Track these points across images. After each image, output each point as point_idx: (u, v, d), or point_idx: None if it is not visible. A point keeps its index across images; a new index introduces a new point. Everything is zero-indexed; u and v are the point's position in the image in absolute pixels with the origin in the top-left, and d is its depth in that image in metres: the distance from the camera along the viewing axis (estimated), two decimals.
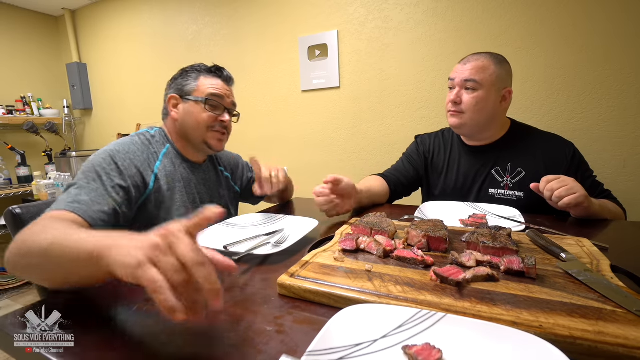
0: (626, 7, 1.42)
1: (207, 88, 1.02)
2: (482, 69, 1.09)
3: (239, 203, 1.31)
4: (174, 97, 1.03)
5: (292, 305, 0.53)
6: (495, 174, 1.16)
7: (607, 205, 1.00)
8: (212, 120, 1.02)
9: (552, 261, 0.62)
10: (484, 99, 1.10)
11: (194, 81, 1.02)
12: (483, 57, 1.11)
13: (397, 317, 0.43)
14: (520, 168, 1.13)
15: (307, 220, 0.96)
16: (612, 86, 1.48)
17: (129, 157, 0.90)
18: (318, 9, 2.11)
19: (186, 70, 1.05)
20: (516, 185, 1.12)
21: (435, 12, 1.78)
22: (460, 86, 1.12)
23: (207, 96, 1.01)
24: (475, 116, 1.11)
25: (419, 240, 0.70)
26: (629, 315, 0.43)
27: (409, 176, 1.31)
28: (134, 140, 0.98)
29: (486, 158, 1.18)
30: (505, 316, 0.44)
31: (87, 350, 0.45)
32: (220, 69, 1.07)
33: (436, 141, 1.32)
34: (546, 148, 1.12)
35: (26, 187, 2.78)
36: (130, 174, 0.88)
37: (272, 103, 2.39)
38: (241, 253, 0.71)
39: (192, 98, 1.01)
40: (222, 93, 1.03)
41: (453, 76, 1.14)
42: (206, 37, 2.56)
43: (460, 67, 1.13)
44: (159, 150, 1.01)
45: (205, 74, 1.04)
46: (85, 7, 3.22)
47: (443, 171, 1.27)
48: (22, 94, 3.17)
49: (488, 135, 1.18)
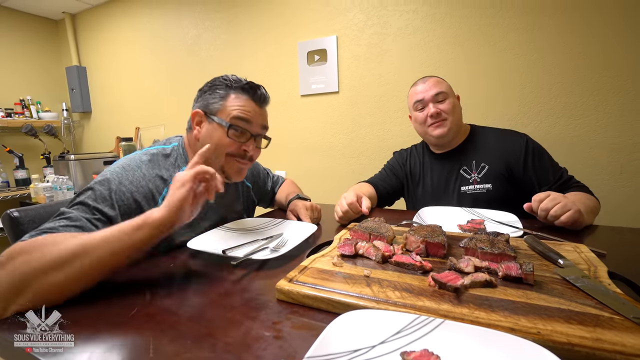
0: (624, 13, 1.43)
1: (234, 110, 0.88)
2: (440, 82, 1.25)
3: (255, 210, 1.27)
4: (198, 113, 0.91)
5: (291, 311, 0.53)
6: (464, 172, 1.26)
7: (587, 203, 1.00)
8: (234, 148, 0.90)
9: (550, 267, 0.62)
10: (455, 104, 1.26)
11: (221, 99, 0.90)
12: (430, 77, 1.27)
13: (395, 323, 0.43)
14: (483, 163, 1.23)
15: (305, 225, 0.96)
16: (610, 92, 1.49)
17: (130, 188, 0.81)
18: (317, 14, 2.12)
19: (215, 83, 0.92)
20: (483, 178, 1.22)
21: (434, 18, 1.80)
22: (433, 101, 1.23)
23: (231, 120, 0.88)
24: (455, 118, 1.24)
25: (417, 245, 0.70)
26: (627, 322, 0.43)
27: (393, 185, 1.41)
28: (142, 164, 0.87)
29: (453, 161, 1.29)
30: (503, 322, 0.44)
31: (87, 351, 0.45)
32: (253, 87, 0.92)
33: (411, 154, 1.44)
34: (502, 142, 1.24)
35: (24, 190, 2.77)
36: (126, 210, 0.79)
37: (271, 107, 2.37)
38: (240, 258, 0.71)
39: (216, 119, 0.89)
40: (249, 117, 0.90)
41: (419, 97, 1.25)
42: (206, 42, 2.57)
43: (421, 87, 1.25)
44: (171, 173, 0.89)
45: (235, 92, 0.90)
46: (86, 11, 3.23)
47: (420, 179, 1.38)
48: (21, 97, 3.17)
49: (456, 139, 1.29)
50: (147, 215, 0.63)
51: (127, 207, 0.79)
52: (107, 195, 0.77)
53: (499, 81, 1.69)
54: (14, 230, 0.93)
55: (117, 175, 0.81)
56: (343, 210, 1.02)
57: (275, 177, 1.37)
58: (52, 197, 2.50)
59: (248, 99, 0.91)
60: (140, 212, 0.80)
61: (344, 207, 1.03)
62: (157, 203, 0.84)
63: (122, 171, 0.83)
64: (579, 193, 1.08)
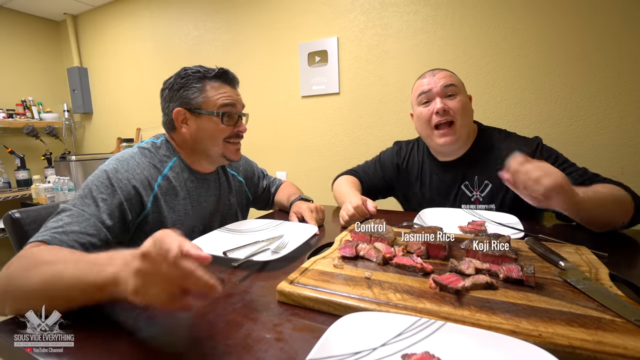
0: (625, 15, 1.43)
1: (218, 99, 0.93)
2: (451, 76, 1.10)
3: (249, 209, 1.28)
4: (180, 111, 0.93)
5: (292, 313, 0.53)
6: (465, 188, 1.14)
7: (597, 190, 0.82)
8: (229, 132, 0.96)
9: (551, 269, 0.62)
10: (467, 103, 1.09)
11: (201, 92, 0.92)
12: (441, 69, 1.12)
13: (396, 325, 0.43)
14: (487, 180, 1.11)
15: (306, 227, 0.96)
16: (611, 93, 1.49)
17: (127, 176, 0.84)
18: (318, 15, 2.12)
19: (186, 77, 0.94)
20: (486, 198, 1.11)
21: (435, 19, 1.80)
22: (441, 95, 1.07)
23: (220, 108, 0.93)
24: (465, 123, 1.08)
25: (418, 247, 0.70)
26: (628, 325, 0.43)
27: (377, 184, 1.32)
28: (135, 154, 0.91)
29: (456, 172, 1.16)
30: (505, 325, 0.44)
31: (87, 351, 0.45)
32: (225, 72, 0.96)
33: (412, 153, 1.30)
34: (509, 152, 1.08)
35: (25, 190, 2.77)
36: (127, 196, 0.82)
37: (271, 108, 2.40)
38: (240, 259, 0.71)
39: (205, 112, 0.92)
40: (233, 101, 0.95)
41: (427, 88, 1.08)
42: (207, 42, 2.58)
43: (430, 79, 1.09)
44: (164, 163, 0.94)
45: (210, 80, 0.94)
46: (87, 12, 3.24)
47: (416, 185, 1.25)
48: (22, 98, 3.18)
49: (462, 147, 1.14)
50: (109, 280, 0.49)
51: (127, 193, 0.83)
52: (108, 183, 0.80)
53: (500, 83, 1.69)
54: (15, 231, 0.93)
55: (112, 166, 0.85)
56: (349, 214, 0.99)
57: (272, 178, 1.37)
58: (54, 197, 2.50)
59: (223, 84, 0.96)
60: (139, 197, 0.85)
61: (350, 212, 0.99)
62: (154, 189, 0.89)
63: (117, 162, 0.86)
64: (600, 184, 0.89)
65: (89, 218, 0.73)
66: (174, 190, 0.93)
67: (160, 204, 0.90)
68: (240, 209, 1.18)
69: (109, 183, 0.80)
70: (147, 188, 0.87)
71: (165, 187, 0.92)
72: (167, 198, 0.91)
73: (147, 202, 0.87)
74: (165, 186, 0.92)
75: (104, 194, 0.79)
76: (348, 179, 1.31)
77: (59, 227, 0.69)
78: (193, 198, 0.98)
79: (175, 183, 0.94)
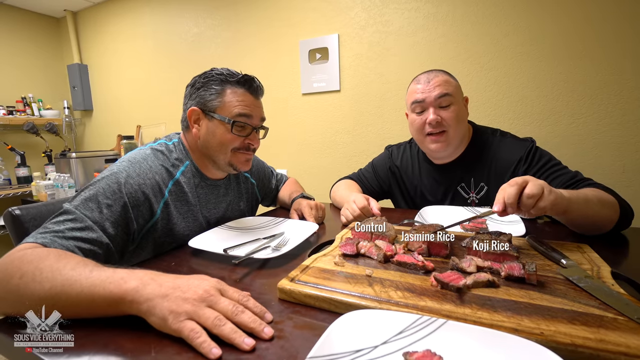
0: (627, 13, 1.43)
1: (235, 106, 0.88)
2: (447, 82, 1.07)
3: (257, 209, 1.26)
4: (195, 110, 0.90)
5: (292, 310, 0.53)
6: (461, 190, 1.14)
7: (585, 193, 0.80)
8: (239, 143, 0.91)
9: (553, 267, 0.62)
10: (461, 111, 1.08)
11: (219, 95, 0.88)
12: (437, 72, 1.09)
13: (397, 323, 0.43)
14: (482, 183, 1.11)
15: (307, 224, 0.96)
16: (612, 91, 1.49)
17: (138, 181, 0.80)
18: (319, 12, 2.11)
19: (209, 77, 0.90)
20: (482, 200, 1.11)
21: (436, 17, 1.79)
22: (435, 105, 1.06)
23: (234, 117, 0.88)
24: (457, 131, 1.08)
25: (419, 245, 0.70)
26: (630, 323, 0.43)
27: (374, 187, 1.33)
28: (147, 156, 0.87)
29: (451, 174, 1.16)
30: (506, 323, 0.44)
31: (87, 351, 0.45)
32: (250, 80, 0.91)
33: (404, 156, 1.29)
34: (499, 157, 1.09)
35: (25, 187, 2.78)
36: (135, 203, 0.79)
37: (272, 105, 2.39)
38: (241, 257, 0.71)
39: (217, 117, 0.88)
40: (250, 112, 0.90)
41: (420, 97, 1.07)
42: (207, 40, 2.57)
43: (424, 87, 1.07)
44: (177, 167, 0.91)
45: (232, 86, 0.89)
46: (87, 9, 3.23)
47: (412, 188, 1.26)
48: (22, 95, 3.17)
49: (457, 150, 1.14)
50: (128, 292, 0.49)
51: (136, 200, 0.79)
52: (117, 188, 0.76)
53: (502, 80, 1.68)
54: (15, 228, 0.93)
55: (124, 169, 0.81)
56: (355, 214, 0.98)
57: (279, 175, 1.37)
58: (54, 194, 2.50)
59: (245, 92, 0.90)
60: (148, 204, 0.82)
61: (355, 212, 0.98)
62: (164, 195, 0.86)
63: (129, 165, 0.82)
64: (587, 188, 0.88)
65: (91, 226, 0.69)
66: (185, 196, 0.91)
67: (170, 210, 0.87)
68: (248, 212, 1.17)
69: (117, 189, 0.76)
70: (157, 194, 0.84)
71: (176, 192, 0.89)
72: (177, 204, 0.89)
73: (157, 208, 0.84)
74: (176, 192, 0.89)
75: (110, 199, 0.74)
76: (347, 183, 1.32)
77: (59, 231, 0.65)
78: (202, 205, 0.96)
79: (187, 189, 0.91)
